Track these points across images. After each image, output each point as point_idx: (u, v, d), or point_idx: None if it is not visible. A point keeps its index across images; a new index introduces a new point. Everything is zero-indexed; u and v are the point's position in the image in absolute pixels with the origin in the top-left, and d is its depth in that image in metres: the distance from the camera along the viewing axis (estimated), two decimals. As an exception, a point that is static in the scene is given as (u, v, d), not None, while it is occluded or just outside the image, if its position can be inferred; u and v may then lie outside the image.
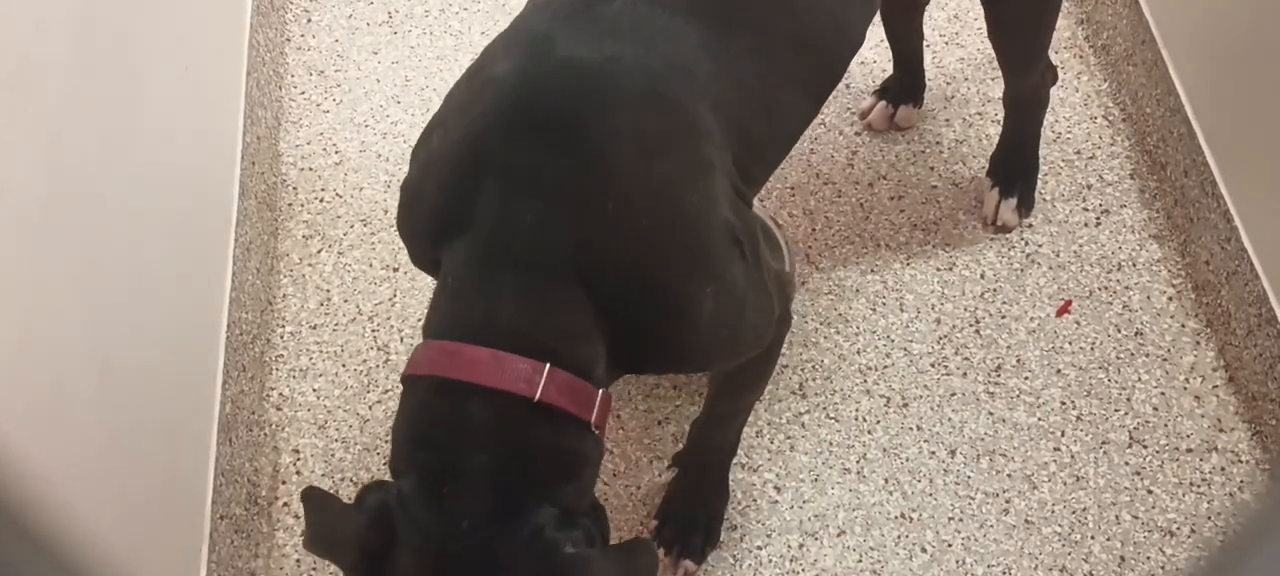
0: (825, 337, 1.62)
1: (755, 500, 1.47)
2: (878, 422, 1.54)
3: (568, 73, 0.99)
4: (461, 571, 0.92)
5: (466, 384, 0.94)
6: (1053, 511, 1.47)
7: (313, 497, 0.99)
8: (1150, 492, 1.48)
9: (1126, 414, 1.55)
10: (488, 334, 0.95)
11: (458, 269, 0.99)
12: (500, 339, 0.95)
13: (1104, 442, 1.52)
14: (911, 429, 1.54)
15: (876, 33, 1.93)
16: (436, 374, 0.96)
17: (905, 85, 1.82)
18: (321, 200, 1.79)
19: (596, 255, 0.96)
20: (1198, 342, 1.61)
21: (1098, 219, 1.73)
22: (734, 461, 1.45)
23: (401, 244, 1.72)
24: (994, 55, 1.62)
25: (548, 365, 0.94)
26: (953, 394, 1.57)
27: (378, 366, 1.61)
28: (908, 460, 1.51)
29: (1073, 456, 1.51)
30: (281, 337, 1.65)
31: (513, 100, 0.98)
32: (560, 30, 1.01)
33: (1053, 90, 1.68)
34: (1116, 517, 1.46)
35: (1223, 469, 1.50)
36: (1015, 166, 1.71)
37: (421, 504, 0.94)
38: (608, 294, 0.97)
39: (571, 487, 0.96)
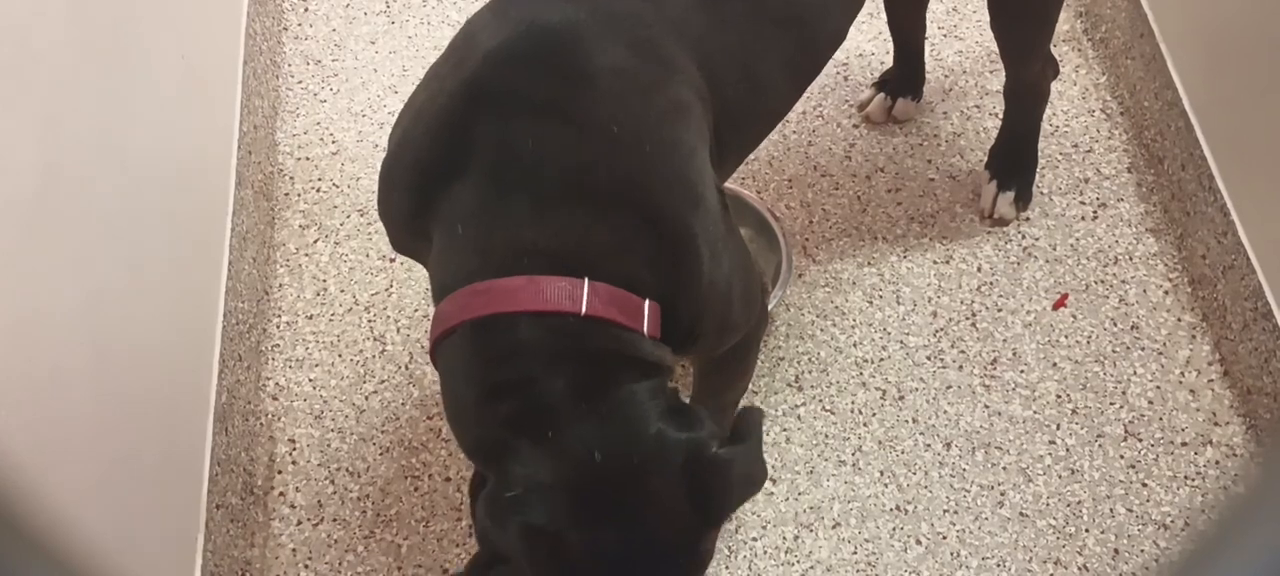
0: (821, 330, 1.62)
1: (751, 492, 1.47)
2: (873, 415, 1.54)
3: (562, 20, 0.98)
4: (622, 504, 0.88)
5: (509, 315, 0.89)
6: (1047, 504, 1.47)
7: None
8: (1145, 486, 1.49)
9: (1122, 407, 1.55)
10: (516, 262, 0.91)
11: (464, 210, 0.94)
12: (532, 264, 0.90)
13: (1099, 436, 1.52)
14: (907, 421, 1.54)
15: (878, 25, 1.93)
16: (472, 317, 0.90)
17: (904, 78, 1.82)
18: (318, 190, 1.79)
19: (604, 176, 0.94)
20: (1193, 336, 1.61)
21: (1094, 212, 1.74)
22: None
23: (398, 234, 1.72)
24: (993, 48, 1.61)
25: (587, 279, 0.90)
26: (949, 386, 1.57)
27: (374, 357, 1.61)
28: (903, 453, 1.51)
29: (1068, 449, 1.51)
30: (278, 327, 1.65)
31: (506, 44, 0.97)
32: (544, 4, 1.01)
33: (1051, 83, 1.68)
34: (1111, 510, 1.46)
35: (1217, 462, 1.50)
36: (1014, 160, 1.71)
37: (543, 464, 0.88)
38: (617, 217, 0.94)
39: (654, 385, 0.93)
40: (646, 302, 0.94)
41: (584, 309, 0.89)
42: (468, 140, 0.95)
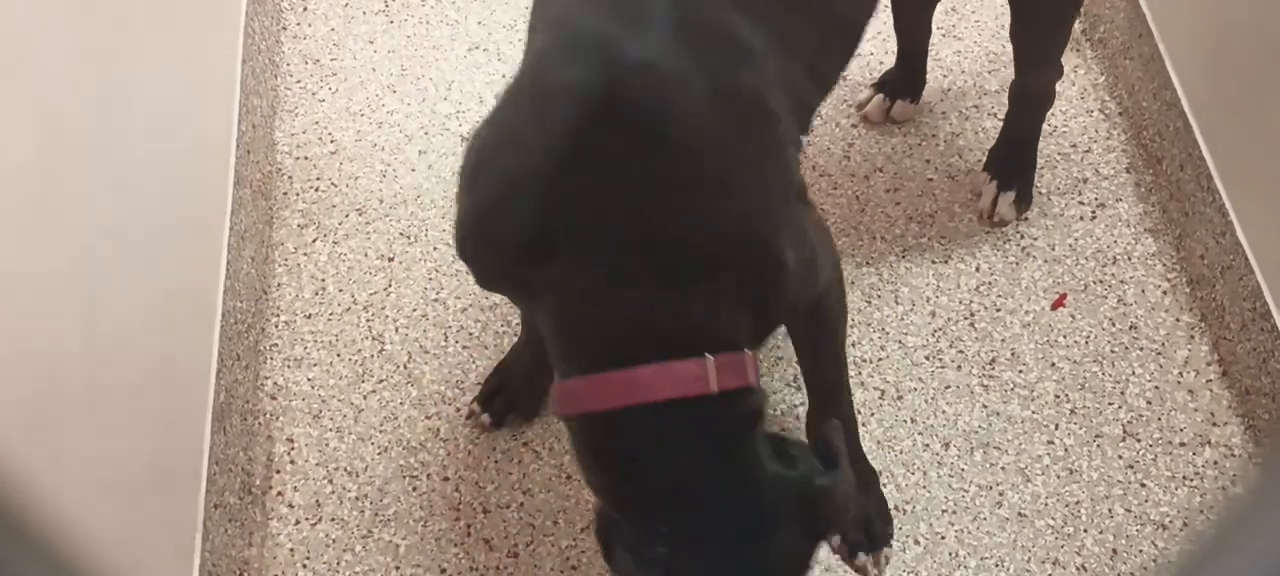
0: (820, 330, 1.62)
1: (749, 491, 1.47)
2: (872, 415, 1.54)
3: (640, 73, 0.98)
4: (752, 546, 0.99)
5: (648, 406, 0.96)
6: (1046, 504, 1.47)
7: None
8: (1143, 486, 1.49)
9: (1120, 407, 1.55)
10: (642, 345, 0.97)
11: (575, 285, 0.99)
12: (657, 348, 0.97)
13: (1097, 436, 1.52)
14: (906, 421, 1.54)
15: (877, 25, 1.93)
16: (614, 406, 0.98)
17: (904, 79, 1.82)
18: (317, 189, 1.79)
19: (706, 237, 0.99)
20: (1192, 337, 1.61)
21: (1093, 212, 1.74)
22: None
23: (396, 234, 1.72)
24: (991, 48, 1.62)
25: (708, 356, 0.97)
26: (947, 387, 1.57)
27: (372, 356, 1.61)
28: (902, 452, 1.51)
29: (1066, 449, 1.51)
30: (276, 327, 1.65)
31: (592, 107, 0.97)
32: (617, 31, 1.00)
33: (1050, 84, 1.68)
34: (1109, 511, 1.47)
35: (1216, 463, 1.50)
36: (1015, 161, 1.71)
37: (685, 525, 0.98)
38: (721, 275, 0.99)
39: (762, 430, 1.02)
40: (748, 355, 1.01)
41: (715, 387, 0.97)
42: (569, 210, 0.98)
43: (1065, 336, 1.61)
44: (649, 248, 0.98)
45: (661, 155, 0.98)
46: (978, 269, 1.68)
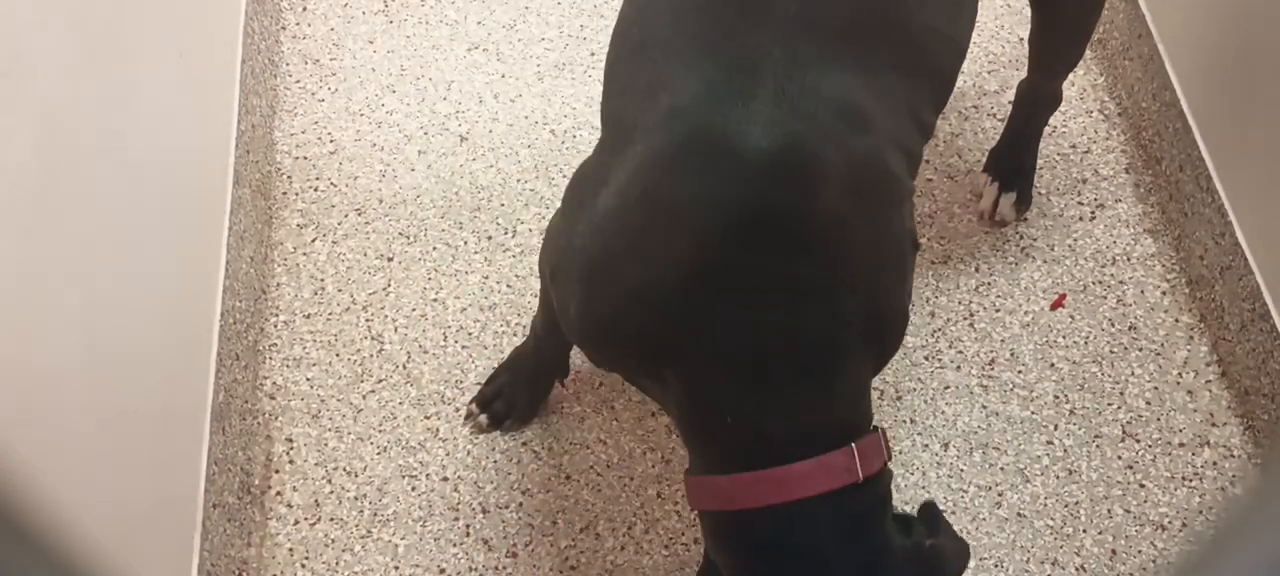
0: (819, 330, 1.62)
1: (748, 492, 1.47)
2: (871, 415, 1.54)
3: (764, 168, 0.95)
4: None
5: (802, 502, 0.97)
6: (1045, 505, 1.47)
7: None
8: (1142, 486, 1.49)
9: (1119, 408, 1.55)
10: (788, 441, 0.98)
11: (713, 386, 0.99)
12: (803, 442, 0.98)
13: (1097, 436, 1.52)
14: (905, 421, 1.54)
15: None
16: (769, 503, 0.98)
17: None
18: (316, 189, 1.79)
19: (845, 322, 0.99)
20: (1191, 337, 1.61)
21: (1093, 213, 1.74)
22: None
23: (395, 233, 1.72)
24: (991, 48, 1.62)
25: (854, 446, 0.98)
26: (946, 387, 1.57)
27: (371, 356, 1.61)
28: (901, 453, 1.51)
29: (1065, 450, 1.51)
30: (275, 326, 1.65)
31: (723, 224, 0.96)
32: (733, 124, 0.97)
33: (1049, 84, 1.68)
34: (1109, 511, 1.47)
35: (1215, 463, 1.50)
36: (1017, 161, 1.71)
37: None
38: (859, 344, 1.01)
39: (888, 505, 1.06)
40: (881, 434, 1.03)
41: (861, 475, 0.98)
42: (703, 319, 0.97)
43: (1064, 337, 1.61)
44: (789, 342, 0.97)
45: (798, 256, 0.97)
46: (977, 269, 1.68)
